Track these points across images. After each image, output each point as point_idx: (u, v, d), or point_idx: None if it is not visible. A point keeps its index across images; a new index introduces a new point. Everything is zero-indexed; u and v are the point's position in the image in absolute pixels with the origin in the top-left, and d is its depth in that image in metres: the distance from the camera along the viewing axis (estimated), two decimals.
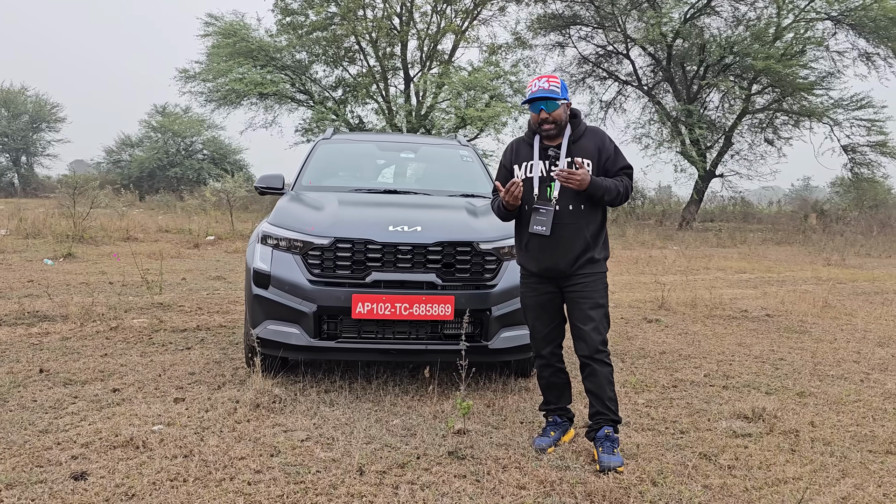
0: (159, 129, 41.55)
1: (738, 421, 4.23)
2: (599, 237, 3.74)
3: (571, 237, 3.65)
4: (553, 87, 3.67)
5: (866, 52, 25.71)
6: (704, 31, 26.61)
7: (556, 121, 3.67)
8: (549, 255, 3.68)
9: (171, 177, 39.73)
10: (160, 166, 40.06)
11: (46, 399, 4.26)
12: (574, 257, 3.64)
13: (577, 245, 3.65)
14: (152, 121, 41.99)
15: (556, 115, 3.67)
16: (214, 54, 27.54)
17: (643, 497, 3.14)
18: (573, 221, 3.64)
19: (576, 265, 3.65)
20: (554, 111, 3.66)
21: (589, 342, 3.61)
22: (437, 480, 3.27)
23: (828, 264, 14.58)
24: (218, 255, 12.87)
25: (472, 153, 6.18)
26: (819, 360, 5.86)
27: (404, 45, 27.93)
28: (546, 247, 3.68)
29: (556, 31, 29.06)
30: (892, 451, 3.82)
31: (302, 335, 4.37)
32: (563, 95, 3.69)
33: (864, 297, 9.75)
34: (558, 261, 3.66)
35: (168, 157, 40.64)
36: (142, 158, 40.64)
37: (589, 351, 3.62)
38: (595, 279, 3.69)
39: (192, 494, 3.04)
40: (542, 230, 3.64)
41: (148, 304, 7.40)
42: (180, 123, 41.28)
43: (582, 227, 3.65)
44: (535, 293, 3.81)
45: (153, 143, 41.52)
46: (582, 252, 3.65)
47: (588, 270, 3.67)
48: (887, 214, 23.66)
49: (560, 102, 3.67)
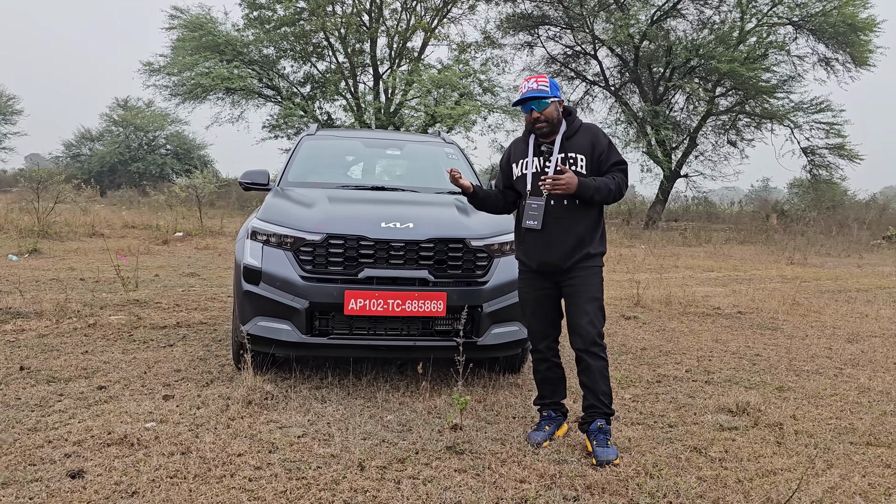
0: (121, 123, 40.79)
1: (723, 415, 4.33)
2: (595, 232, 3.78)
3: (563, 232, 3.70)
4: (542, 86, 3.74)
5: (825, 57, 26.37)
6: (670, 34, 27.03)
7: (547, 119, 3.73)
8: (542, 250, 3.74)
9: (132, 172, 39.04)
10: (122, 161, 39.34)
11: (31, 397, 4.18)
12: (567, 251, 3.69)
13: (569, 240, 3.69)
14: (114, 114, 41.20)
15: (547, 114, 3.73)
16: (180, 48, 27.12)
17: (641, 489, 3.21)
18: (565, 216, 3.70)
19: (571, 260, 3.70)
20: (544, 109, 3.72)
21: (584, 335, 3.66)
22: (438, 475, 3.29)
23: (791, 263, 14.95)
24: (188, 251, 12.69)
25: (456, 150, 6.21)
26: (793, 355, 6.02)
27: (374, 41, 27.83)
28: (539, 241, 3.74)
29: (524, 31, 29.25)
30: (873, 442, 3.95)
31: (293, 332, 4.36)
32: (553, 93, 3.74)
33: (829, 294, 10.02)
34: (551, 255, 3.71)
35: (130, 151, 39.95)
36: (102, 153, 39.87)
37: (584, 344, 3.66)
38: (590, 273, 3.73)
39: (195, 491, 3.02)
40: (534, 224, 3.71)
41: (123, 300, 7.27)
42: (143, 117, 40.56)
43: (574, 222, 3.70)
44: (532, 289, 3.87)
45: (114, 138, 40.77)
46: (575, 247, 3.70)
47: (584, 265, 3.72)
48: (845, 215, 24.33)
49: (550, 101, 3.73)
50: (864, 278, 12.52)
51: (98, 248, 12.25)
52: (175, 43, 27.57)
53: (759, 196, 44.07)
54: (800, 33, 25.86)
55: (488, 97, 26.93)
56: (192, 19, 27.32)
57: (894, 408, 4.60)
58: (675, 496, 3.13)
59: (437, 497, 3.06)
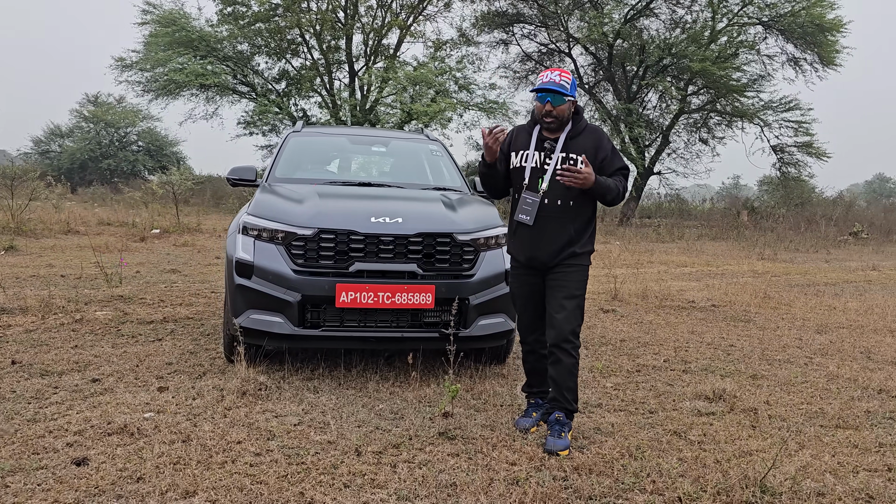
0: (91, 120, 40.20)
1: (700, 401, 4.52)
2: (585, 233, 3.82)
3: (555, 230, 3.74)
4: (564, 81, 3.72)
5: (794, 57, 26.93)
6: (643, 33, 27.41)
7: (558, 116, 3.73)
8: (532, 246, 3.79)
9: (103, 169, 38.52)
10: (92, 158, 38.80)
11: (26, 390, 4.23)
12: (556, 250, 3.75)
13: (559, 239, 3.74)
14: (84, 110, 40.61)
15: (560, 111, 3.72)
16: (152, 43, 26.86)
17: (626, 469, 3.37)
18: (558, 216, 3.73)
19: (558, 258, 3.76)
20: (559, 106, 3.71)
21: (558, 330, 3.70)
22: (432, 459, 3.43)
23: (761, 259, 15.31)
24: (166, 248, 12.66)
25: (440, 147, 6.34)
26: (766, 346, 6.25)
27: (349, 38, 27.82)
28: (530, 237, 3.79)
29: (499, 29, 29.45)
30: (841, 425, 4.16)
31: (286, 324, 4.46)
32: (571, 93, 3.74)
33: (799, 288, 10.33)
34: (541, 252, 3.77)
35: (101, 148, 39.41)
36: (72, 150, 39.29)
37: (556, 339, 3.71)
38: (574, 270, 3.78)
39: (198, 476, 3.12)
40: (526, 220, 3.75)
41: (107, 296, 7.30)
42: (114, 114, 40.03)
43: (567, 222, 3.74)
44: (522, 283, 3.95)
45: (84, 134, 40.18)
46: (564, 246, 3.75)
47: (568, 262, 3.77)
48: (813, 212, 24.87)
49: (567, 99, 3.73)
50: (832, 273, 12.89)
51: (74, 245, 12.19)
52: (147, 38, 27.30)
53: (730, 193, 44.80)
54: (769, 33, 26.39)
55: (464, 95, 27.08)
56: (164, 14, 27.08)
57: (861, 393, 4.83)
58: (658, 475, 3.30)
59: (433, 479, 3.20)
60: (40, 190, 16.05)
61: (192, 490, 2.99)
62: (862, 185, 64.78)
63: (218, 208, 24.64)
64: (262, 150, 30.27)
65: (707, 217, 27.84)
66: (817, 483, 3.27)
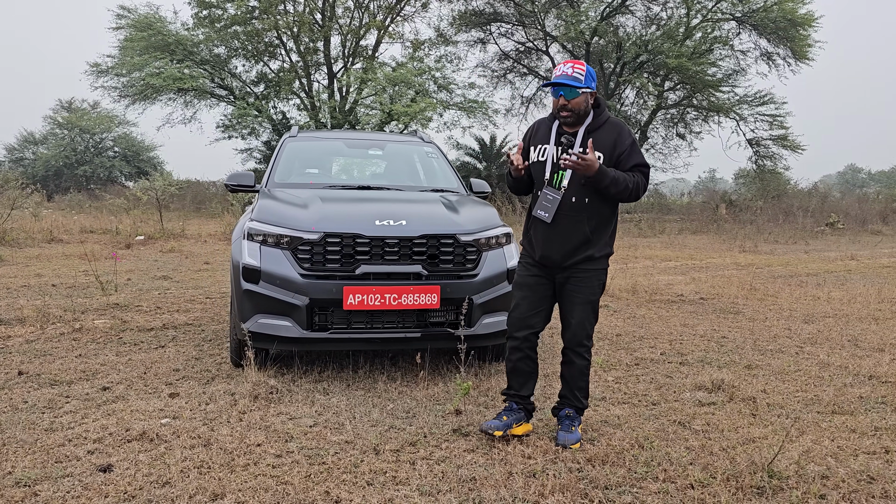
0: (65, 126, 39.77)
1: (700, 392, 4.66)
2: (603, 234, 3.72)
3: (570, 229, 3.65)
4: (577, 73, 3.59)
5: (767, 52, 27.39)
6: (619, 30, 27.70)
7: (574, 109, 3.62)
8: (547, 244, 3.71)
9: (79, 175, 38.12)
10: (67, 164, 38.39)
11: (38, 399, 4.26)
12: (570, 250, 3.67)
13: (574, 238, 3.65)
14: (58, 117, 40.17)
15: (575, 104, 3.61)
16: (128, 48, 26.65)
17: (637, 459, 3.48)
18: (575, 213, 3.65)
19: (571, 259, 3.68)
20: (573, 99, 3.60)
21: (573, 333, 3.74)
22: (449, 455, 3.52)
23: (743, 251, 15.58)
24: (153, 255, 12.61)
25: (435, 150, 6.43)
26: (757, 336, 6.42)
27: (327, 40, 27.79)
28: (546, 235, 3.71)
29: (477, 28, 29.59)
30: (837, 410, 4.31)
31: (294, 327, 4.52)
32: (587, 84, 3.60)
33: (782, 279, 10.55)
34: (554, 251, 3.69)
35: (76, 154, 39.00)
36: (47, 156, 38.86)
37: (571, 343, 3.76)
38: (590, 276, 3.71)
39: (223, 479, 3.18)
40: (545, 216, 3.67)
41: (103, 304, 7.30)
42: (88, 119, 39.63)
43: (583, 220, 3.65)
44: (529, 273, 3.83)
45: (59, 141, 39.74)
46: (579, 247, 3.66)
47: (584, 266, 3.70)
48: (789, 204, 25.28)
49: (581, 91, 3.59)
50: (812, 263, 13.16)
51: (59, 254, 12.12)
52: (123, 43, 27.09)
53: (707, 187, 45.31)
54: (743, 29, 26.81)
55: (444, 94, 27.18)
56: (140, 18, 26.88)
57: (853, 380, 4.99)
58: (669, 464, 3.42)
59: (453, 475, 3.29)
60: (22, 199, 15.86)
61: (220, 493, 3.05)
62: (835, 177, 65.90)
63: (199, 213, 24.53)
64: (241, 153, 30.20)
65: (686, 211, 28.20)
66: (820, 466, 3.41)
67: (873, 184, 57.20)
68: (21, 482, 3.11)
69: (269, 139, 29.27)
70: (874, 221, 24.16)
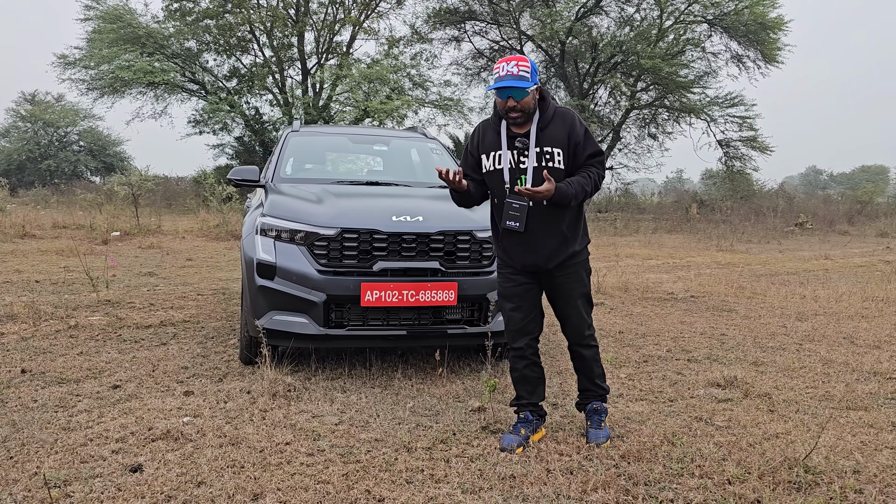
0: (28, 119, 38.83)
1: (714, 389, 4.70)
2: (577, 228, 3.65)
3: (546, 232, 3.55)
4: (523, 72, 3.41)
5: (738, 55, 27.83)
6: (593, 30, 27.91)
7: (523, 109, 3.46)
8: (526, 252, 3.61)
9: (43, 170, 37.25)
10: (31, 158, 37.52)
11: (48, 398, 4.13)
12: (551, 252, 3.58)
13: (552, 240, 3.56)
14: (21, 109, 39.20)
15: (524, 104, 3.45)
16: (96, 40, 26.10)
17: (669, 456, 3.50)
18: (547, 217, 3.54)
19: (556, 261, 3.59)
20: (522, 99, 3.43)
21: (574, 329, 3.72)
22: (483, 453, 3.49)
23: (720, 250, 15.81)
24: (133, 251, 12.36)
25: (439, 146, 6.39)
26: (755, 334, 6.51)
27: (301, 35, 27.51)
28: (522, 243, 3.59)
29: (451, 26, 29.58)
30: (851, 406, 4.39)
31: (311, 324, 4.46)
32: (534, 80, 3.46)
33: (765, 278, 10.73)
34: (536, 257, 3.59)
35: (40, 148, 38.14)
36: (9, 150, 37.91)
37: (575, 338, 3.74)
38: (578, 269, 3.66)
39: (259, 478, 3.12)
40: (516, 226, 3.50)
41: (93, 301, 7.12)
42: (53, 113, 38.75)
43: (557, 220, 3.55)
44: (514, 283, 3.70)
45: (22, 134, 38.83)
46: (559, 246, 3.58)
47: (569, 263, 3.63)
48: (759, 204, 25.75)
49: (529, 90, 3.44)
50: (789, 262, 13.41)
51: (35, 250, 11.80)
52: (91, 35, 26.52)
53: (675, 187, 45.96)
54: (714, 31, 27.21)
55: (419, 92, 27.12)
56: (109, 10, 26.33)
57: (858, 376, 5.08)
58: (702, 460, 3.44)
59: (491, 472, 3.26)
60: None
61: (260, 492, 2.99)
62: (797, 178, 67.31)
63: (170, 209, 24.09)
64: (213, 149, 29.79)
65: (658, 210, 28.54)
66: (850, 461, 3.46)
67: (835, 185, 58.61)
68: (51, 483, 3.01)
69: (242, 135, 28.93)
70: (841, 222, 24.74)
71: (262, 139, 28.46)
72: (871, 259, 14.34)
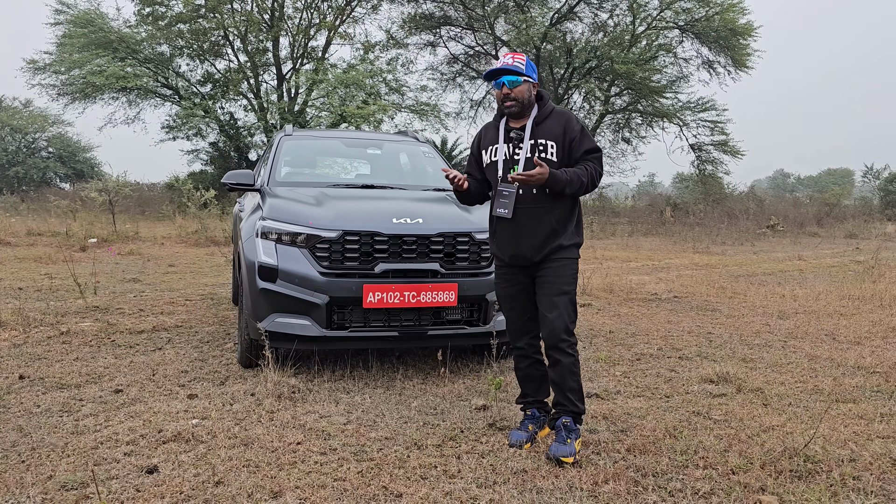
0: None
1: (708, 385, 4.82)
2: (569, 223, 3.64)
3: (535, 222, 3.56)
4: (517, 63, 3.57)
5: (709, 60, 28.34)
6: (568, 36, 28.22)
7: (517, 98, 3.55)
8: (513, 242, 3.64)
9: (10, 177, 36.61)
10: None
11: (51, 403, 4.12)
12: (538, 244, 3.58)
13: (540, 230, 3.56)
14: None
15: (518, 92, 3.55)
16: (67, 44, 25.79)
17: (673, 448, 3.60)
18: (537, 205, 3.56)
19: (542, 252, 3.59)
20: (515, 87, 3.54)
21: (550, 329, 3.53)
22: (492, 449, 3.56)
23: (696, 252, 16.08)
24: (112, 258, 12.23)
25: (431, 149, 6.46)
26: (741, 332, 6.67)
27: (276, 40, 27.43)
28: (510, 232, 3.63)
29: (427, 31, 29.71)
30: (839, 399, 4.53)
31: (314, 326, 4.49)
32: (528, 73, 3.57)
33: (743, 279, 10.96)
34: (523, 247, 3.61)
35: (7, 155, 37.49)
36: None
37: (551, 339, 3.54)
38: (562, 265, 3.59)
39: (276, 478, 3.15)
40: (504, 213, 3.57)
41: (81, 307, 7.06)
42: (20, 118, 38.12)
43: (546, 211, 3.56)
44: (509, 284, 3.75)
45: None
46: (547, 238, 3.57)
47: (555, 256, 3.59)
48: (732, 207, 26.20)
49: (523, 79, 3.56)
50: (764, 263, 13.69)
51: (12, 257, 11.65)
52: (61, 39, 26.20)
53: (647, 190, 46.53)
54: (686, 37, 27.68)
55: (395, 97, 27.17)
56: (80, 14, 26.07)
57: (843, 371, 5.25)
58: (705, 452, 3.54)
59: (503, 467, 3.34)
60: None
61: (278, 490, 3.02)
62: (765, 181, 68.52)
63: (145, 216, 23.85)
64: (188, 154, 29.54)
65: (632, 214, 28.91)
66: (845, 451, 3.59)
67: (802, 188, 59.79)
68: (67, 486, 3.02)
69: (217, 140, 28.74)
70: (810, 224, 25.28)
71: (237, 144, 28.32)
72: (843, 259, 14.69)
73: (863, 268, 12.44)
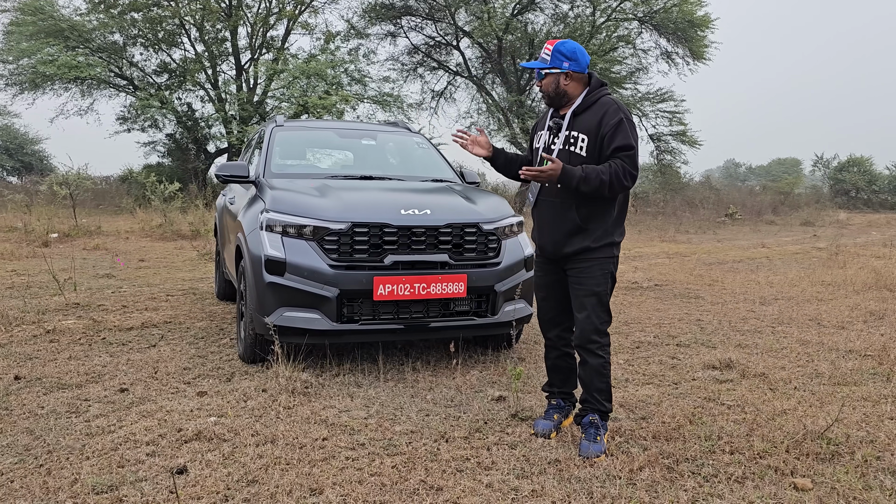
0: None
1: (712, 371, 4.90)
2: (599, 222, 3.48)
3: (555, 216, 3.52)
4: (544, 55, 3.51)
5: (667, 51, 28.70)
6: (528, 27, 28.31)
7: (545, 91, 3.56)
8: (540, 233, 3.66)
9: None
10: None
11: (56, 404, 3.97)
12: (561, 240, 3.52)
13: (563, 226, 3.49)
14: None
15: (544, 86, 3.53)
16: (14, 32, 24.83)
17: (697, 434, 3.64)
18: (558, 199, 3.51)
19: (564, 250, 3.52)
20: (541, 80, 3.53)
21: (580, 330, 3.50)
22: (520, 440, 3.56)
23: (663, 241, 16.33)
24: (78, 253, 11.84)
25: (424, 140, 6.41)
26: (729, 318, 6.79)
27: (234, 30, 26.86)
28: (537, 222, 3.66)
29: (387, 21, 29.43)
30: (840, 382, 4.65)
31: (324, 320, 4.42)
32: (553, 64, 3.47)
33: (716, 266, 11.17)
34: (546, 240, 3.60)
35: None
36: None
37: (579, 340, 3.51)
38: (591, 265, 3.48)
39: (311, 475, 3.09)
40: (530, 199, 3.65)
41: (60, 304, 6.83)
42: None
43: (569, 206, 3.47)
44: (544, 273, 3.72)
45: None
46: (570, 237, 3.50)
47: (583, 257, 3.50)
48: (691, 196, 26.69)
49: (544, 72, 3.51)
50: (731, 251, 13.98)
51: None
52: (8, 27, 25.22)
53: None
54: (644, 28, 27.96)
55: (358, 87, 26.89)
56: (28, 2, 25.07)
57: (836, 355, 5.38)
58: (729, 437, 3.60)
59: (535, 457, 3.33)
60: None
61: (318, 487, 2.97)
62: (717, 170, 69.95)
63: (100, 210, 23.16)
64: (144, 146, 28.77)
65: None
66: (861, 432, 3.69)
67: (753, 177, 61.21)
68: (97, 489, 2.91)
69: (174, 132, 28.05)
70: (767, 212, 25.91)
71: (195, 136, 27.69)
72: (805, 247, 15.08)
73: (826, 254, 12.79)
